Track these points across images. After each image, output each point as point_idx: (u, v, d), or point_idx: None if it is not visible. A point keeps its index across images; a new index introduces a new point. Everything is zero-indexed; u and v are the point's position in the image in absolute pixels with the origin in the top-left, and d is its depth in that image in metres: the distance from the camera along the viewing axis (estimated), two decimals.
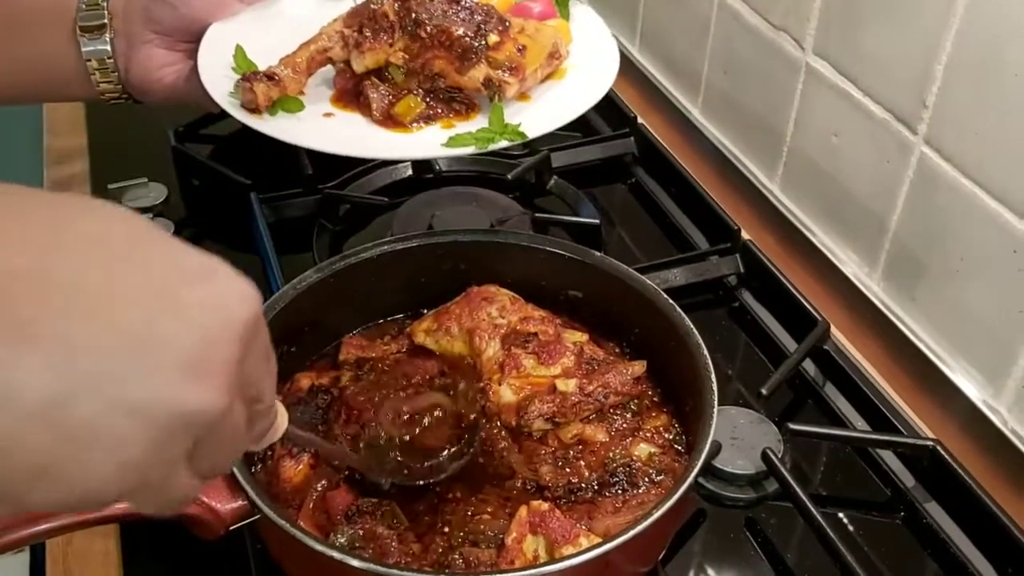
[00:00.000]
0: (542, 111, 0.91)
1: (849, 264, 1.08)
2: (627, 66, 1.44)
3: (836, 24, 1.03)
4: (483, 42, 0.89)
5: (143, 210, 1.16)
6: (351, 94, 0.94)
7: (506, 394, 0.86)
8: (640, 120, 1.33)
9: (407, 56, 0.91)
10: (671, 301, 0.86)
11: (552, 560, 0.70)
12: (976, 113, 0.87)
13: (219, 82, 0.90)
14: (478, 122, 0.91)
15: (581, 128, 1.37)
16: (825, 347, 1.01)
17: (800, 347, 0.99)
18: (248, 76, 0.88)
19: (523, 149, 1.26)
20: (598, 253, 0.92)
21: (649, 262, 1.08)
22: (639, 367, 0.87)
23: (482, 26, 0.90)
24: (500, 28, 0.91)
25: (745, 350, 1.05)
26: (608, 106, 1.37)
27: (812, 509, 0.82)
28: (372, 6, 0.91)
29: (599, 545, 0.67)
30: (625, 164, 1.30)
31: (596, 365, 0.87)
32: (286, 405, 0.83)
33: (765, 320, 1.07)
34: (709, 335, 0.83)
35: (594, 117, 1.38)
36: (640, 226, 1.22)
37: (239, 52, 0.93)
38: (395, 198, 1.18)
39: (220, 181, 1.21)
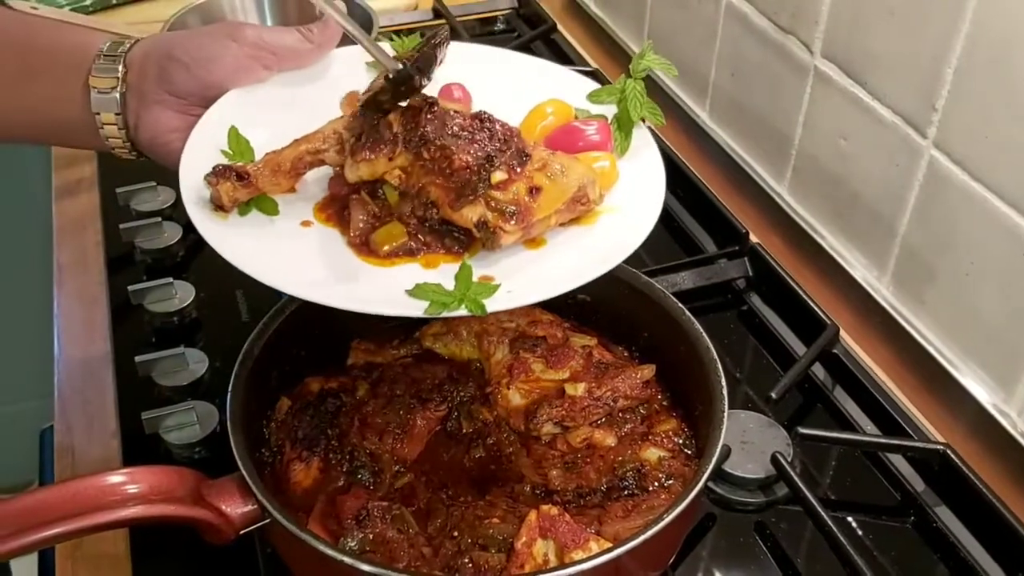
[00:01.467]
0: (538, 271, 0.76)
1: (858, 267, 1.07)
2: None
3: (844, 27, 1.02)
4: (486, 178, 0.74)
5: (151, 214, 1.16)
6: (339, 204, 0.80)
7: (515, 398, 0.86)
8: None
9: (404, 176, 0.77)
10: (680, 305, 0.86)
11: (562, 564, 0.70)
12: (986, 116, 0.87)
13: (202, 165, 0.77)
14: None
15: None
16: (834, 351, 1.01)
17: (809, 351, 0.99)
18: (216, 171, 0.76)
19: None
20: None
21: (657, 265, 1.08)
22: (648, 371, 0.87)
23: (492, 157, 0.75)
24: (514, 163, 0.75)
25: (754, 354, 1.04)
26: None
27: (822, 513, 0.82)
28: (377, 115, 0.77)
29: (610, 550, 0.67)
30: None
31: (605, 369, 0.87)
32: (295, 409, 0.84)
33: (774, 324, 1.07)
34: (718, 339, 0.83)
35: None
36: None
37: (232, 133, 0.81)
38: None
39: None
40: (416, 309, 0.70)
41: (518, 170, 0.75)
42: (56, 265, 1.15)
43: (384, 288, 0.74)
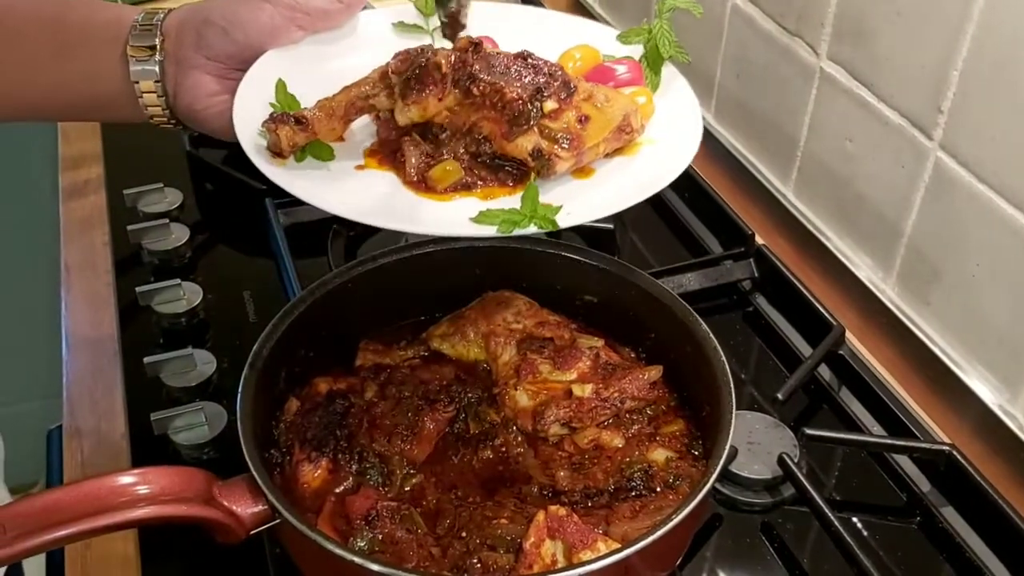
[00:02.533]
0: (592, 194, 0.80)
1: (864, 269, 1.08)
2: None
3: (850, 29, 1.03)
4: (538, 107, 0.77)
5: (158, 215, 1.17)
6: (389, 148, 0.83)
7: (522, 399, 0.86)
8: None
9: (454, 115, 0.80)
10: (687, 306, 0.86)
11: (570, 565, 0.70)
12: (992, 118, 0.87)
13: (253, 118, 0.80)
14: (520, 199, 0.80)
15: None
16: (840, 352, 1.01)
17: (815, 352, 0.99)
18: (274, 117, 0.79)
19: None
20: (614, 258, 0.92)
21: (663, 267, 1.08)
22: (655, 372, 0.87)
23: (542, 89, 0.78)
24: (562, 94, 0.79)
25: (760, 355, 1.05)
26: None
27: (828, 514, 0.82)
28: (425, 54, 0.79)
29: (619, 550, 0.67)
30: None
31: (612, 370, 0.87)
32: (304, 410, 0.85)
33: (780, 325, 1.07)
34: (724, 340, 0.83)
35: None
36: (654, 231, 1.22)
37: (280, 86, 0.84)
38: None
39: (235, 186, 1.21)
40: (487, 230, 0.74)
41: (567, 100, 0.79)
42: (63, 266, 1.15)
43: (449, 216, 0.77)
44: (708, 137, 1.30)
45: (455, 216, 0.77)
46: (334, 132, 0.82)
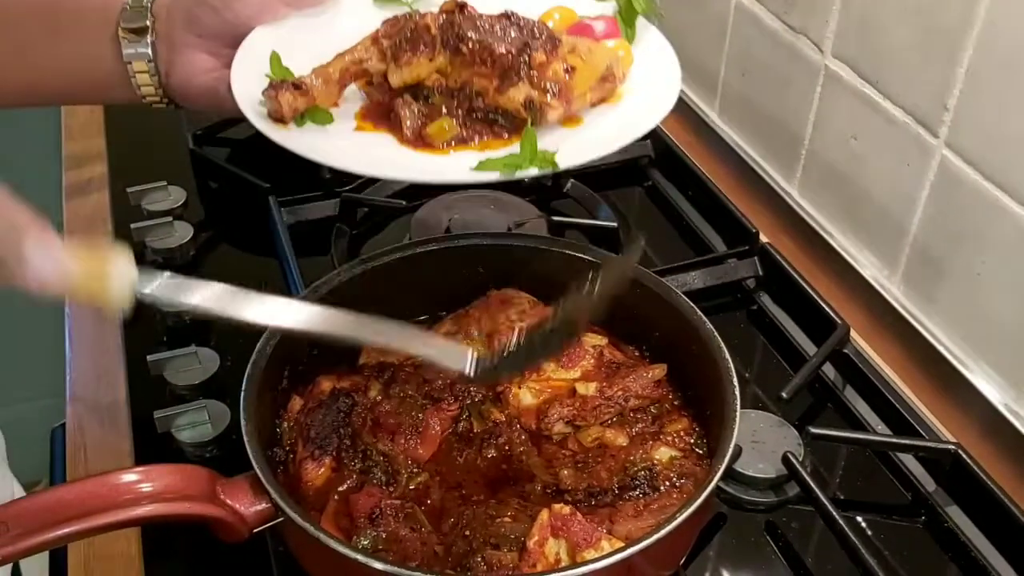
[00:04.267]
0: (584, 139, 0.84)
1: (869, 267, 1.07)
2: None
3: (855, 27, 1.02)
4: (527, 60, 0.82)
5: (162, 213, 1.17)
6: (381, 112, 0.88)
7: (526, 397, 0.86)
8: None
9: (445, 75, 0.85)
10: (692, 304, 0.86)
11: (574, 564, 0.70)
12: (998, 116, 0.87)
13: (251, 90, 0.85)
14: (517, 147, 0.83)
15: None
16: (845, 350, 1.01)
17: (820, 350, 0.99)
18: (274, 84, 0.83)
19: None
20: (616, 256, 0.92)
21: (667, 265, 1.08)
22: (659, 371, 0.87)
23: (528, 44, 0.83)
24: (548, 47, 0.84)
25: (764, 353, 1.04)
26: None
27: (833, 513, 0.82)
28: (413, 18, 0.85)
29: (623, 549, 0.67)
30: (642, 167, 1.30)
31: (616, 369, 0.87)
32: (308, 408, 0.84)
33: (784, 323, 1.07)
34: (728, 338, 0.83)
35: None
36: (657, 229, 1.22)
37: (274, 59, 0.88)
38: (412, 201, 1.19)
39: (238, 184, 1.21)
40: (490, 176, 0.78)
41: (553, 53, 0.83)
42: None
43: (451, 166, 0.82)
44: (712, 135, 1.30)
45: (456, 166, 0.81)
46: (331, 97, 0.86)
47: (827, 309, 1.03)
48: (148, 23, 0.89)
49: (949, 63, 0.90)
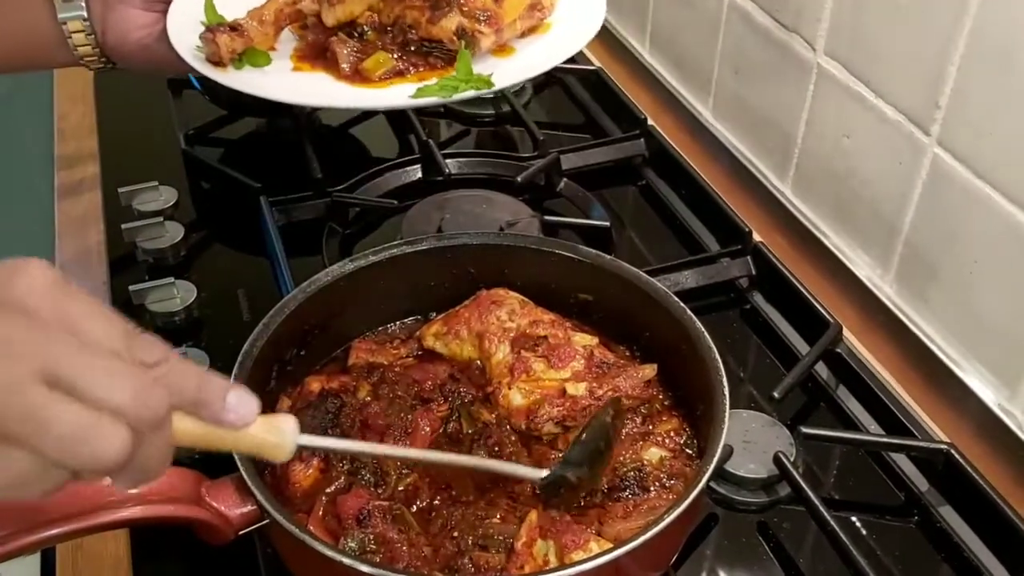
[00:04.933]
0: (516, 63, 0.89)
1: (861, 266, 1.07)
2: (637, 68, 1.43)
3: (848, 25, 1.02)
4: None
5: (153, 213, 1.16)
6: (317, 52, 0.91)
7: (516, 398, 0.85)
8: (650, 122, 1.32)
9: (377, 11, 0.89)
10: (682, 304, 0.85)
11: (562, 565, 0.70)
12: (990, 114, 0.87)
13: (187, 36, 0.88)
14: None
15: (591, 130, 1.37)
16: (837, 350, 1.00)
17: (812, 350, 0.98)
18: (212, 28, 0.86)
19: (533, 151, 1.26)
20: (608, 256, 0.91)
21: (659, 264, 1.08)
22: (650, 370, 0.86)
23: None
24: None
25: (756, 353, 1.04)
26: (618, 108, 1.37)
27: (825, 513, 0.82)
28: None
29: (611, 550, 0.66)
30: (635, 166, 1.29)
31: (606, 368, 0.86)
32: (296, 409, 0.84)
33: (777, 323, 1.06)
34: (720, 338, 0.83)
35: (604, 119, 1.38)
36: (650, 228, 1.21)
37: (208, 5, 0.91)
38: (404, 201, 1.18)
39: (230, 184, 1.21)
40: (427, 100, 0.81)
41: None
42: (58, 265, 1.14)
43: (389, 95, 0.86)
44: (705, 133, 1.30)
45: (395, 96, 0.85)
46: (267, 39, 0.90)
47: (820, 308, 1.03)
48: None
49: (941, 61, 0.90)
